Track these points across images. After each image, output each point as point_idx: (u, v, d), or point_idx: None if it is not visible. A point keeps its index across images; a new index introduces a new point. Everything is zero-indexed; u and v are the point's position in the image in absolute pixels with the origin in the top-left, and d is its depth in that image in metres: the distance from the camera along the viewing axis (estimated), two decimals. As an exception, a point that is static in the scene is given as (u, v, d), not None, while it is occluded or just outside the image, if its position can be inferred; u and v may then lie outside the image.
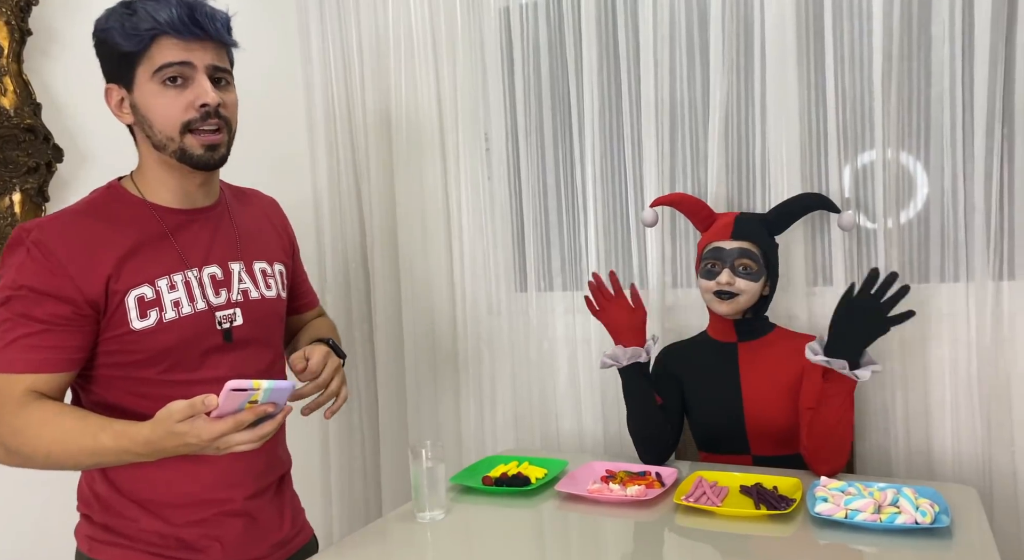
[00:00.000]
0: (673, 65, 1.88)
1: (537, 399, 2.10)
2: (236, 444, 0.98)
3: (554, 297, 2.09)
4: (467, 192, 2.13)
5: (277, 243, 1.31)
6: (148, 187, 1.14)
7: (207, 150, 1.10)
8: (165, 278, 1.10)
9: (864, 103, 1.71)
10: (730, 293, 1.55)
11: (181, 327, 1.10)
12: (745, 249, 1.56)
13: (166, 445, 0.99)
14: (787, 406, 1.53)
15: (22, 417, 1.01)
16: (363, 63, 2.22)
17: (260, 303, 1.21)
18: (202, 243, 1.16)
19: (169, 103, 1.07)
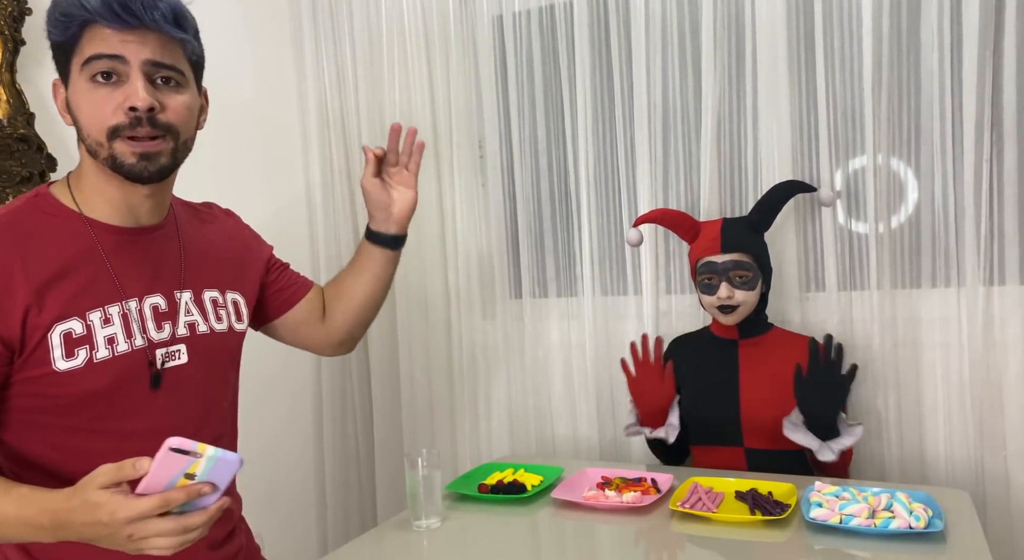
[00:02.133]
0: (665, 71, 1.89)
1: (532, 405, 2.10)
2: (152, 537, 0.77)
3: (549, 303, 2.10)
4: (461, 198, 2.14)
5: (235, 267, 1.15)
6: (85, 198, 0.97)
7: (141, 159, 0.92)
8: (98, 310, 0.93)
9: (855, 109, 1.72)
10: (732, 306, 1.57)
11: (115, 368, 0.94)
12: (737, 260, 1.58)
13: (73, 519, 0.79)
14: (782, 401, 1.54)
15: None
16: (356, 70, 2.22)
17: (208, 338, 1.05)
18: (145, 268, 1.00)
19: (97, 103, 0.90)
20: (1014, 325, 1.61)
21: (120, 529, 0.77)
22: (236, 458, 0.79)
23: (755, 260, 1.59)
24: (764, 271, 1.62)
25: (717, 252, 1.59)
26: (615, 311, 2.01)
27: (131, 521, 0.77)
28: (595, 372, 2.01)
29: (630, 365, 1.67)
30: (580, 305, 2.03)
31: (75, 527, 0.80)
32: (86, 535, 0.80)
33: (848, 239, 1.76)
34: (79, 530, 0.80)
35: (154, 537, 0.78)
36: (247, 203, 2.10)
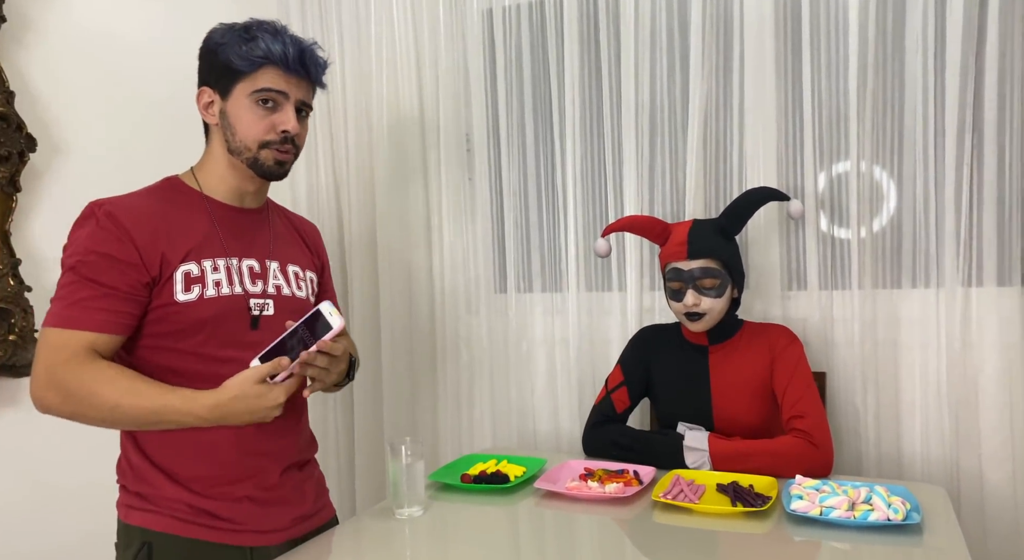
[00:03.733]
0: (654, 69, 1.91)
1: (515, 399, 2.11)
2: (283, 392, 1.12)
3: (533, 298, 2.10)
4: (448, 192, 2.14)
5: (308, 257, 1.41)
6: (207, 181, 1.27)
7: (277, 164, 1.25)
8: (210, 260, 1.21)
9: (839, 112, 1.75)
10: (699, 314, 1.55)
11: (218, 305, 1.21)
12: (705, 267, 1.54)
13: (235, 408, 1.11)
14: (756, 406, 1.55)
15: (91, 370, 1.10)
16: (344, 62, 2.22)
17: (291, 300, 1.31)
18: (245, 237, 1.28)
19: (256, 120, 1.21)
20: (990, 326, 1.64)
21: (271, 411, 1.13)
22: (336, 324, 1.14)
23: (723, 265, 1.56)
24: (734, 276, 1.58)
25: (683, 258, 1.55)
26: (599, 307, 2.02)
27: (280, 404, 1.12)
28: (578, 367, 2.02)
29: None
30: (565, 300, 2.04)
31: (234, 413, 1.11)
32: (242, 418, 1.12)
33: (831, 239, 1.78)
34: (236, 415, 1.12)
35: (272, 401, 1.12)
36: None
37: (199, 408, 1.11)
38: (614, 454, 1.56)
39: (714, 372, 1.58)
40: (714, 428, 1.57)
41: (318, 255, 1.46)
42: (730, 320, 1.61)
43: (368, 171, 2.23)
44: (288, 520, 1.27)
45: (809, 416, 1.44)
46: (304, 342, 1.14)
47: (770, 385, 1.54)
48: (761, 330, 1.60)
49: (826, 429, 1.43)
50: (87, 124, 1.75)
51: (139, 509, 1.20)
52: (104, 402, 1.09)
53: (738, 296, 1.61)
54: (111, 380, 1.10)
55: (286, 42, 1.20)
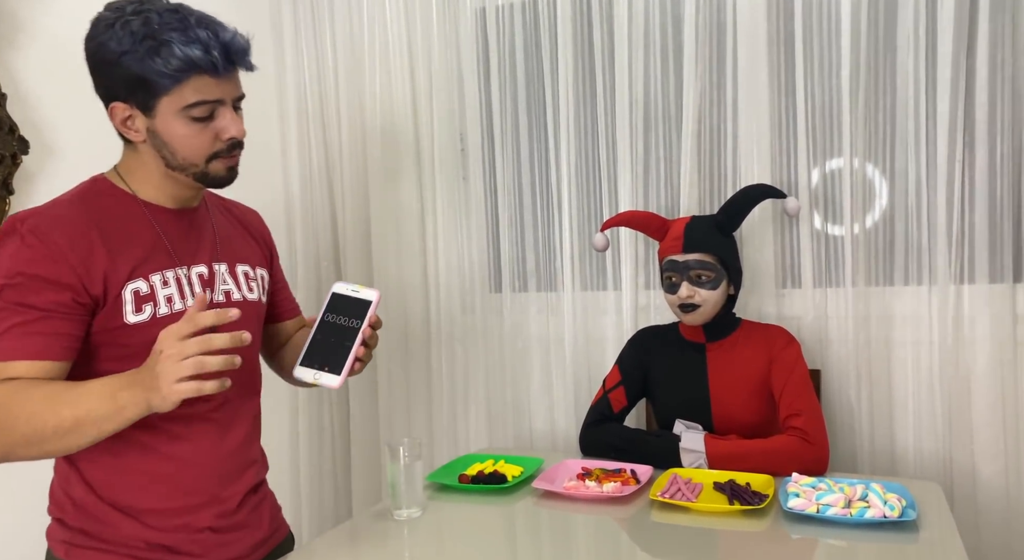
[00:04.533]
0: (647, 68, 1.91)
1: (510, 398, 2.11)
2: (178, 355, 0.90)
3: (528, 298, 2.10)
4: (442, 192, 2.13)
5: (257, 251, 1.30)
6: (139, 186, 1.13)
7: (229, 171, 1.13)
8: (158, 274, 1.10)
9: (832, 109, 1.76)
10: (693, 305, 1.56)
11: (173, 322, 1.03)
12: (700, 260, 1.56)
13: (144, 371, 0.94)
14: (753, 404, 1.56)
15: (5, 392, 0.95)
16: (337, 61, 2.21)
17: (242, 305, 1.21)
18: (190, 242, 1.16)
19: (195, 136, 1.08)
20: (982, 323, 1.65)
21: (156, 354, 0.92)
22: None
23: (719, 260, 1.57)
24: (730, 272, 1.59)
25: (679, 251, 1.57)
26: (594, 306, 2.03)
27: (168, 338, 0.92)
28: (574, 366, 2.02)
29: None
30: (560, 300, 2.04)
31: (140, 377, 0.94)
32: (144, 381, 0.93)
33: (824, 236, 1.79)
34: (141, 379, 0.93)
35: (179, 354, 0.90)
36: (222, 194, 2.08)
37: (115, 382, 0.96)
38: (610, 454, 1.56)
39: (712, 369, 1.59)
40: (712, 425, 1.57)
41: (266, 244, 1.35)
42: (727, 317, 1.62)
43: (362, 171, 2.22)
44: (249, 546, 1.20)
45: (805, 414, 1.45)
46: (345, 327, 1.03)
47: (768, 385, 1.55)
48: (759, 330, 1.61)
49: (822, 427, 1.44)
50: (80, 126, 1.74)
51: (85, 548, 1.09)
52: (17, 422, 0.93)
53: (735, 293, 1.61)
54: (14, 393, 0.94)
55: (204, 41, 1.02)
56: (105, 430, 0.96)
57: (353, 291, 1.05)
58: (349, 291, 1.05)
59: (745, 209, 1.63)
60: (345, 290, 1.05)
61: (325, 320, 1.04)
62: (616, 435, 1.58)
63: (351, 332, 1.03)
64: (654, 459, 1.50)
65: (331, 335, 1.03)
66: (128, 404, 0.94)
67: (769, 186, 1.65)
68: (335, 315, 1.04)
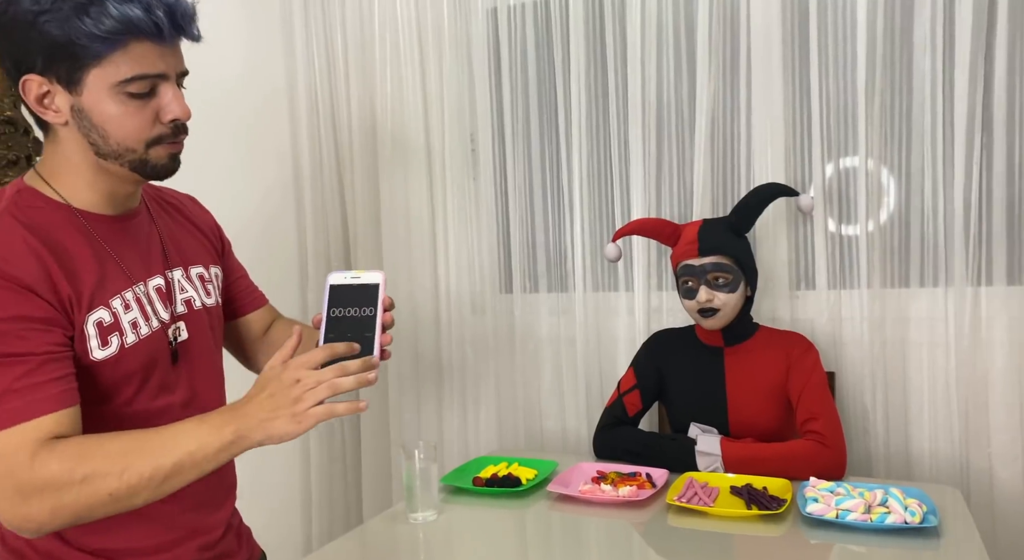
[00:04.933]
0: (660, 67, 1.90)
1: (521, 400, 2.10)
2: (316, 384, 0.86)
3: (539, 298, 2.09)
4: (452, 192, 2.12)
5: (207, 247, 1.16)
6: (69, 190, 0.95)
7: (171, 159, 0.96)
8: (118, 298, 0.94)
9: (848, 109, 1.74)
10: (713, 309, 1.55)
11: (143, 351, 0.97)
12: (716, 263, 1.54)
13: (250, 401, 0.88)
14: (771, 409, 1.55)
15: (66, 451, 0.83)
16: (348, 60, 2.20)
17: (204, 313, 1.08)
18: (139, 253, 1.01)
19: (133, 115, 0.90)
20: (1000, 325, 1.64)
21: (289, 383, 0.87)
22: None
23: (735, 262, 1.56)
24: (747, 273, 1.58)
25: (695, 255, 1.56)
26: (606, 307, 2.01)
27: (300, 367, 0.87)
28: (585, 367, 2.01)
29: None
30: (571, 300, 2.03)
31: (252, 409, 0.87)
32: (262, 411, 0.87)
33: (839, 238, 1.78)
34: (255, 410, 0.87)
35: (317, 381, 0.87)
36: (231, 192, 2.08)
37: (218, 425, 0.87)
38: (625, 458, 1.56)
39: (730, 373, 1.58)
40: (728, 429, 1.56)
41: (214, 235, 1.19)
42: (745, 321, 1.61)
43: (372, 172, 2.22)
44: None
45: (822, 417, 1.44)
46: (358, 318, 0.93)
47: (785, 390, 1.54)
48: (777, 336, 1.60)
49: (839, 430, 1.43)
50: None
51: None
52: (105, 480, 0.83)
53: (751, 294, 1.60)
54: (100, 450, 0.84)
55: (144, 1, 0.86)
56: (205, 470, 0.88)
57: (353, 278, 0.96)
58: (348, 279, 0.95)
59: (757, 209, 1.62)
60: (343, 279, 0.95)
61: (332, 316, 0.93)
62: (631, 439, 1.57)
63: (367, 321, 0.93)
64: (670, 463, 1.49)
65: (345, 330, 0.92)
66: (240, 437, 0.87)
67: (781, 185, 1.64)
68: (341, 308, 0.94)
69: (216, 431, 0.87)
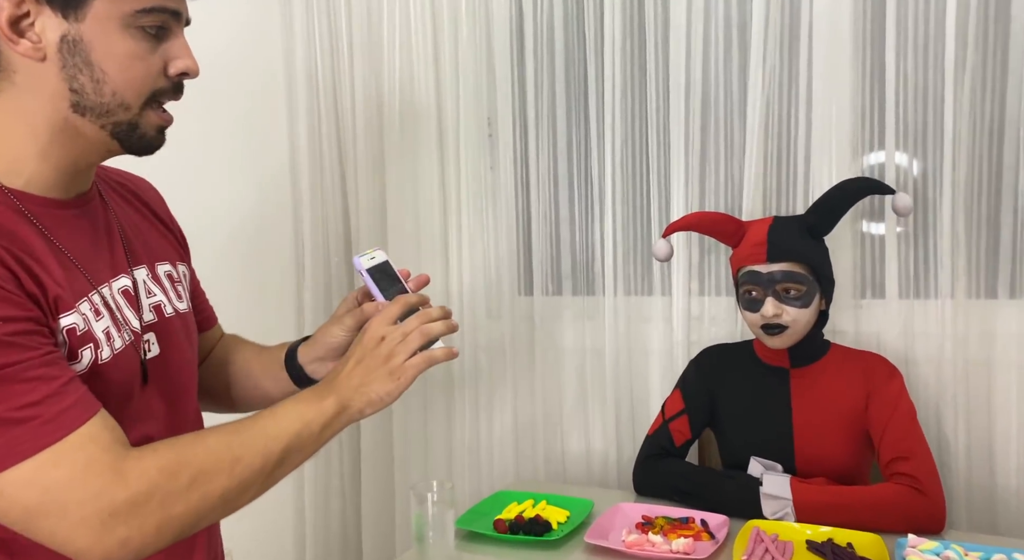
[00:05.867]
0: (707, 42, 1.68)
1: (540, 415, 1.90)
2: (407, 334, 0.85)
3: (562, 302, 1.89)
4: (467, 183, 1.92)
5: (171, 240, 0.98)
6: (3, 162, 0.75)
7: (159, 133, 0.81)
8: (85, 301, 0.76)
9: (931, 93, 1.51)
10: (780, 326, 1.32)
11: (119, 367, 0.78)
12: (787, 271, 1.32)
13: (342, 371, 0.84)
14: (845, 443, 1.32)
15: (159, 451, 0.72)
16: (352, 34, 1.98)
17: (175, 320, 0.90)
18: (99, 247, 0.82)
19: (142, 59, 0.75)
20: (1103, 344, 1.42)
21: (374, 343, 0.84)
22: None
23: (810, 271, 1.33)
24: (822, 284, 1.36)
25: (762, 261, 1.33)
26: (639, 313, 1.81)
27: (381, 324, 0.85)
28: (614, 381, 1.81)
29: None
30: (599, 305, 1.83)
31: (344, 378, 0.83)
32: (355, 378, 0.83)
33: (914, 239, 1.55)
34: (348, 379, 0.83)
35: (403, 332, 0.85)
36: (220, 182, 1.88)
37: (311, 405, 0.81)
38: (672, 496, 1.33)
39: (797, 399, 1.36)
40: (794, 466, 1.34)
41: (176, 227, 1.01)
42: (816, 338, 1.38)
43: (378, 160, 2.01)
44: None
45: (915, 458, 1.22)
46: (398, 291, 0.94)
47: (863, 422, 1.31)
48: (854, 357, 1.37)
49: (935, 474, 1.21)
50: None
51: None
52: (218, 481, 0.72)
53: (826, 308, 1.37)
54: (200, 447, 0.73)
55: None
56: (310, 453, 0.81)
57: (372, 259, 0.96)
58: (370, 261, 0.96)
59: (841, 208, 1.38)
60: (369, 261, 0.95)
61: (387, 292, 0.94)
62: (680, 475, 1.34)
63: (403, 292, 0.95)
64: (727, 505, 1.26)
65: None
66: (344, 407, 0.82)
67: (873, 180, 1.40)
68: (384, 288, 0.94)
69: (316, 406, 0.81)
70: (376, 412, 0.84)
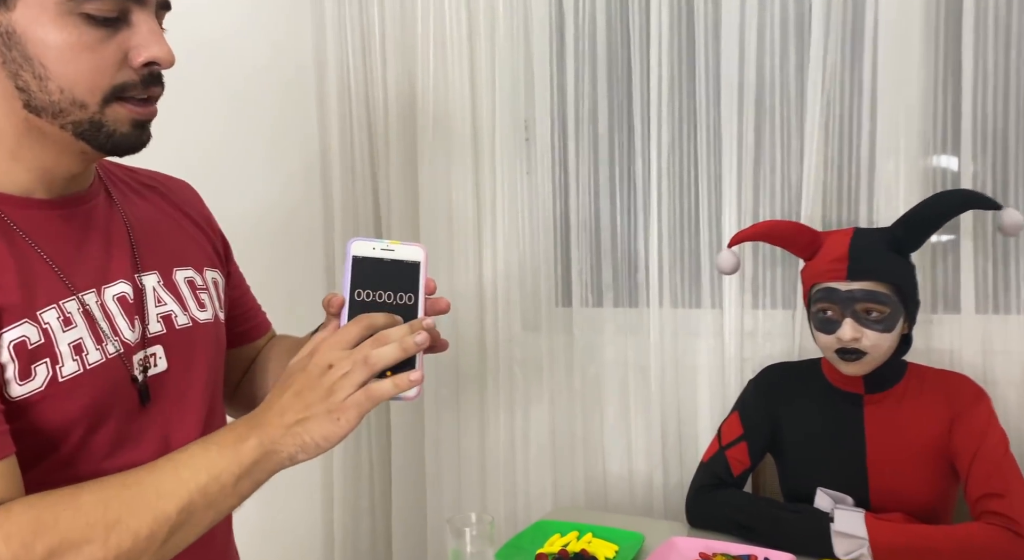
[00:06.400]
0: (762, 38, 1.58)
1: (580, 434, 1.80)
2: (384, 360, 0.64)
3: (603, 314, 1.79)
4: (502, 188, 1.84)
5: (201, 243, 0.89)
6: None
7: (136, 128, 0.70)
8: (52, 308, 0.68)
9: (1013, 92, 1.39)
10: (858, 351, 1.19)
11: (90, 387, 0.69)
12: (869, 291, 1.18)
13: (270, 406, 0.66)
14: (926, 476, 1.19)
15: (27, 516, 0.59)
16: (384, 31, 1.91)
17: (192, 332, 0.81)
18: (90, 251, 0.74)
19: (89, 51, 0.65)
20: None
21: (319, 371, 0.65)
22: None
23: (895, 291, 1.19)
24: (908, 306, 1.21)
25: (841, 278, 1.19)
26: (686, 327, 1.70)
27: (331, 349, 0.65)
28: (659, 399, 1.70)
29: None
30: (642, 317, 1.73)
31: (275, 414, 0.65)
32: (289, 413, 0.65)
33: (992, 250, 1.42)
34: (280, 415, 0.65)
35: (352, 360, 0.64)
36: (248, 184, 1.81)
37: (226, 449, 0.65)
38: (732, 530, 1.21)
39: (871, 427, 1.23)
40: (868, 501, 1.21)
41: (212, 231, 0.92)
42: (895, 363, 1.25)
43: (411, 164, 1.93)
44: None
45: (1009, 495, 1.09)
46: (392, 306, 0.69)
47: (947, 452, 1.18)
48: (935, 378, 1.24)
49: None
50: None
51: None
52: (87, 552, 0.59)
53: (909, 331, 1.24)
54: (68, 509, 0.60)
55: None
56: (224, 511, 0.66)
57: (385, 250, 0.70)
58: (379, 251, 0.70)
59: (936, 223, 1.23)
60: (370, 250, 0.70)
61: (357, 300, 0.69)
62: (740, 507, 1.22)
63: (405, 311, 0.69)
64: (793, 542, 1.14)
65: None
66: (267, 453, 0.65)
67: (975, 193, 1.23)
68: (369, 291, 0.69)
69: (232, 451, 0.64)
70: (312, 458, 0.66)
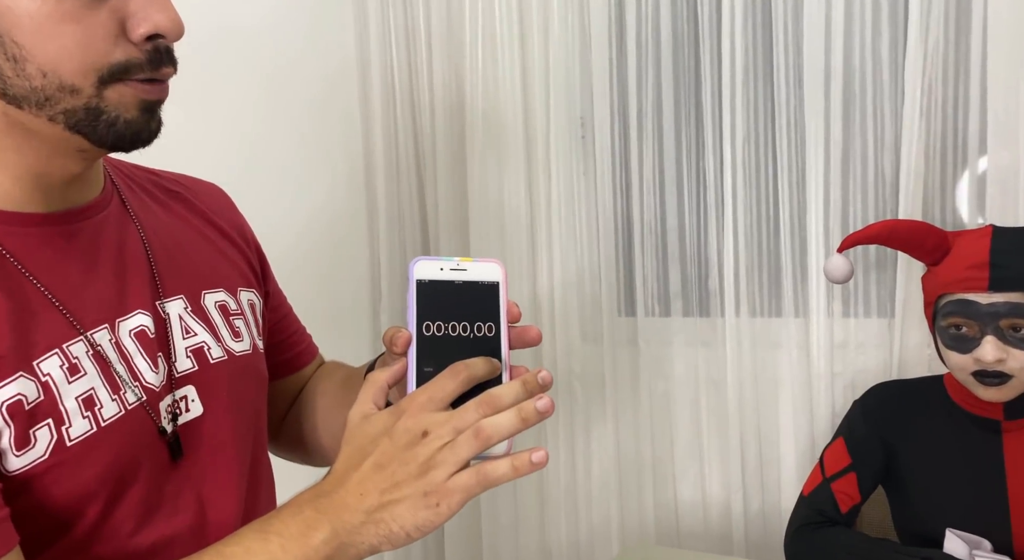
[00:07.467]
0: (850, 17, 1.46)
1: (648, 455, 1.69)
2: (500, 434, 0.51)
3: (671, 324, 1.69)
4: (558, 189, 1.74)
5: (235, 260, 0.76)
6: None
7: (144, 112, 0.57)
8: (54, 355, 0.56)
9: None
10: (1002, 374, 1.03)
11: (109, 448, 0.57)
12: (1017, 305, 1.02)
13: (342, 485, 0.52)
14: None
15: None
16: (430, 26, 1.82)
17: (229, 366, 0.68)
18: (97, 274, 0.61)
19: (75, 23, 0.53)
20: None
21: (410, 438, 0.52)
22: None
23: None
24: None
25: (982, 288, 1.03)
26: (766, 338, 1.58)
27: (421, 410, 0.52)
28: (737, 417, 1.59)
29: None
30: (716, 328, 1.61)
31: (352, 493, 0.52)
32: (372, 495, 0.51)
33: None
34: (358, 495, 0.52)
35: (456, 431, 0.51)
36: (287, 188, 1.72)
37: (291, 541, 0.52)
38: None
39: (1012, 460, 1.07)
40: (1012, 547, 1.05)
41: (247, 243, 0.79)
42: None
43: (459, 165, 1.83)
44: None
45: None
46: (467, 340, 0.57)
47: None
48: None
49: None
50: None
51: None
52: None
53: None
54: None
55: None
56: None
57: (455, 271, 0.58)
58: (448, 272, 0.58)
59: None
60: (437, 271, 0.58)
61: (426, 335, 0.56)
62: (851, 549, 1.07)
63: (485, 344, 0.57)
64: None
65: (446, 358, 0.55)
66: (341, 545, 0.51)
67: None
68: (440, 322, 0.57)
69: (298, 544, 0.51)
70: (398, 548, 0.53)
